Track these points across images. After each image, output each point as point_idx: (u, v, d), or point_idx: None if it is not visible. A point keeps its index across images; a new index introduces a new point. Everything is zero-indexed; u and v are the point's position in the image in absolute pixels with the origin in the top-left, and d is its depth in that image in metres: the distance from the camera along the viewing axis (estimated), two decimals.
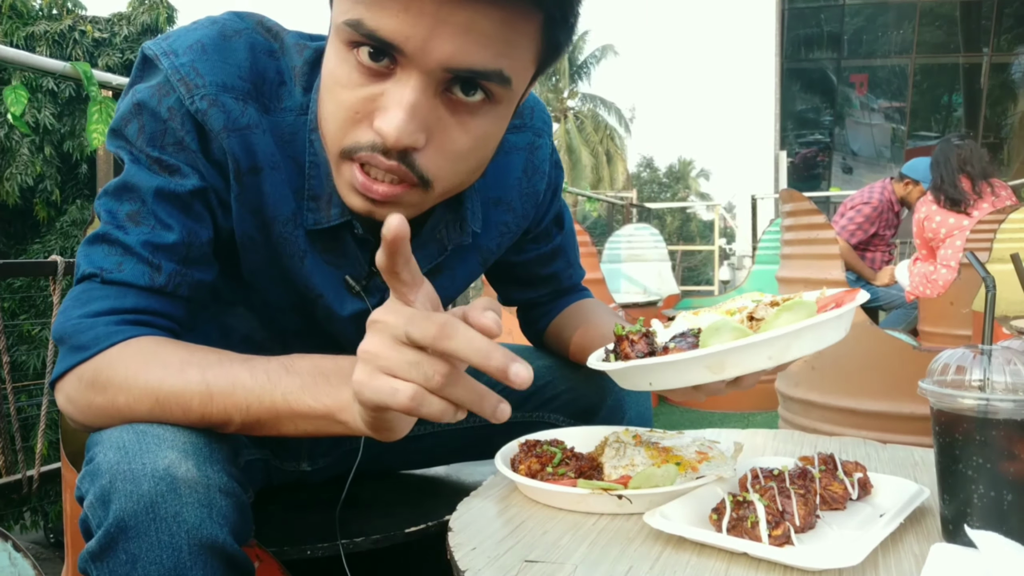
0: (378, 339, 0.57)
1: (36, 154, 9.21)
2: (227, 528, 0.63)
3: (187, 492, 0.62)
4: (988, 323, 0.64)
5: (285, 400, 0.66)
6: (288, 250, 0.80)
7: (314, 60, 0.79)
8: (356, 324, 0.85)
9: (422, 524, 0.93)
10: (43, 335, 7.89)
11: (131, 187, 0.74)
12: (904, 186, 3.90)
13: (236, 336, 0.89)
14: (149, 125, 0.73)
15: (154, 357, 0.69)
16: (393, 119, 0.66)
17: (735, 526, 0.62)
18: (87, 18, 10.33)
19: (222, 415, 0.67)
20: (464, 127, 0.70)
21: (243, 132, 0.75)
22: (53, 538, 2.49)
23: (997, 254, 2.47)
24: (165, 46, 0.74)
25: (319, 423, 0.66)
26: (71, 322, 0.71)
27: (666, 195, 34.21)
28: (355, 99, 0.68)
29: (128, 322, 0.72)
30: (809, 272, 2.31)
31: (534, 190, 0.96)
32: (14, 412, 1.90)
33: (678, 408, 4.03)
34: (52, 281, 1.83)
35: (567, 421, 1.01)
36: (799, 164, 14.38)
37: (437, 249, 0.86)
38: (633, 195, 8.71)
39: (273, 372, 0.67)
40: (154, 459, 0.62)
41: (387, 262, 0.55)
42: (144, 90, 0.74)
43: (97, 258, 0.73)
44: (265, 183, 0.77)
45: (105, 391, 0.69)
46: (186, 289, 0.75)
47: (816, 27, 14.22)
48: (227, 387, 0.67)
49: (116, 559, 0.61)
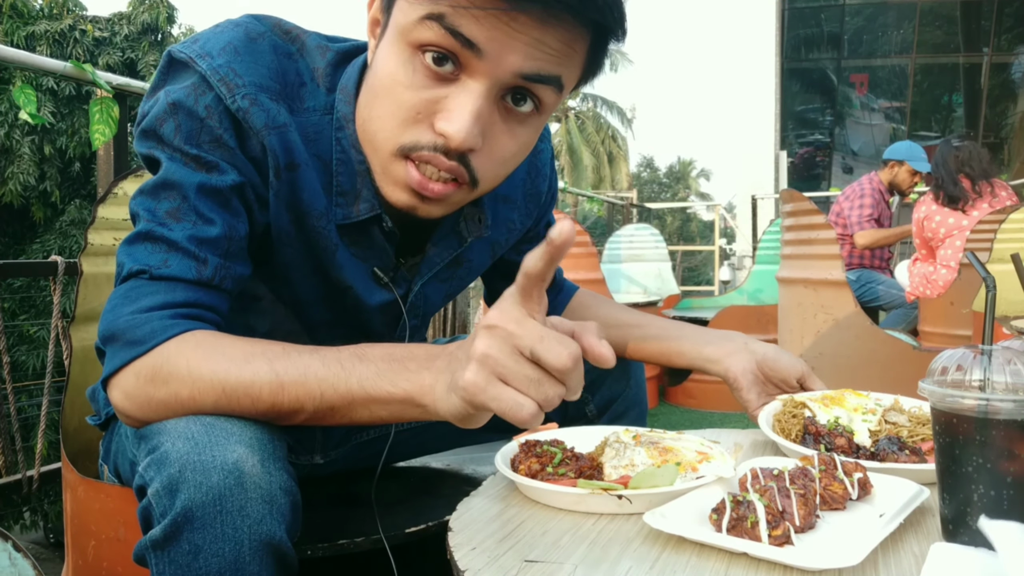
0: (498, 345, 0.60)
1: (36, 153, 9.20)
2: (284, 526, 0.65)
3: (252, 488, 0.63)
4: (988, 323, 0.64)
5: (361, 386, 0.68)
6: (321, 243, 0.82)
7: (337, 62, 0.82)
8: (383, 313, 0.90)
9: (422, 524, 0.93)
10: (41, 335, 7.89)
11: (170, 184, 0.75)
12: (890, 170, 3.92)
13: (259, 331, 0.90)
14: (186, 124, 0.74)
15: (216, 349, 0.70)
16: (460, 122, 0.69)
17: (735, 526, 0.62)
18: (87, 17, 10.32)
19: (293, 404, 0.69)
20: (512, 134, 0.74)
21: (280, 130, 0.77)
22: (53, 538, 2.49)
23: (997, 254, 2.47)
24: (198, 49, 0.76)
25: (395, 407, 0.69)
26: (123, 319, 0.71)
27: (666, 195, 34.21)
28: (417, 100, 0.71)
29: (181, 316, 0.73)
30: (809, 272, 2.31)
31: (536, 190, 1.01)
32: (14, 412, 1.90)
33: (678, 408, 4.04)
34: (52, 281, 1.83)
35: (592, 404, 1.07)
36: (799, 164, 14.39)
37: (458, 241, 0.91)
38: (633, 195, 8.71)
39: (346, 360, 0.69)
40: (224, 452, 0.63)
41: (544, 267, 0.59)
42: (178, 91, 0.75)
43: (141, 256, 0.74)
44: (301, 179, 0.79)
45: (167, 384, 0.69)
46: (230, 283, 0.77)
47: (816, 27, 14.22)
48: (298, 376, 0.69)
49: (179, 548, 0.62)
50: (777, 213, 7.07)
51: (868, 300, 3.89)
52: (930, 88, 14.22)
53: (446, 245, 0.90)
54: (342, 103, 0.80)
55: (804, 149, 14.66)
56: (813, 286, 2.27)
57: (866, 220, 3.84)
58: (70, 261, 1.82)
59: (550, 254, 0.58)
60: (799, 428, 0.87)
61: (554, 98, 0.74)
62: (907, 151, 3.90)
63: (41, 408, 1.92)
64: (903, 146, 3.93)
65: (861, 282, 3.90)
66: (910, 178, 3.90)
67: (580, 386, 0.60)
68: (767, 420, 0.91)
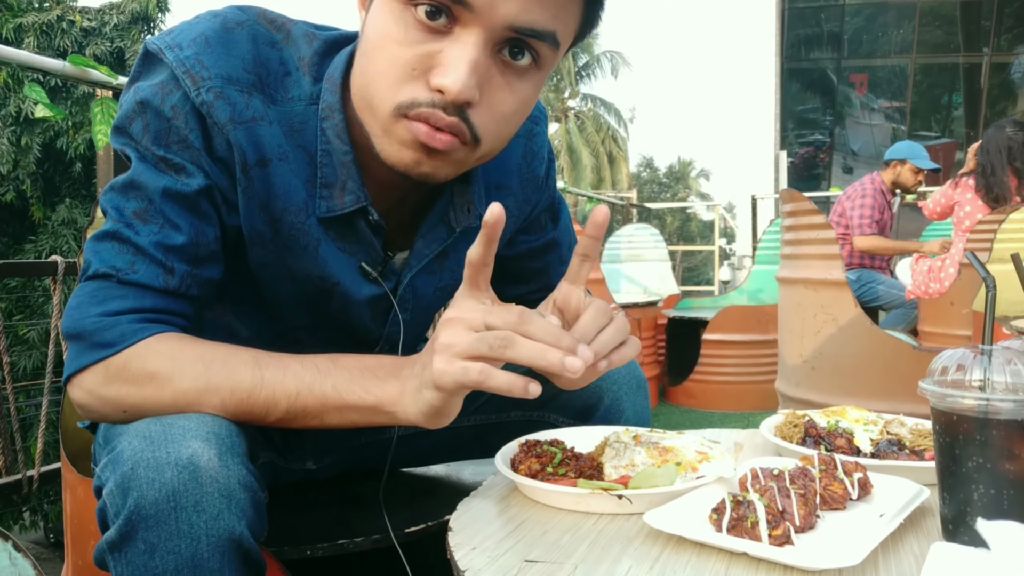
0: (453, 331, 0.64)
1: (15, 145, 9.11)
2: (244, 521, 0.64)
3: (209, 482, 0.62)
4: (988, 323, 0.64)
5: (336, 391, 0.70)
6: (302, 240, 0.81)
7: (324, 51, 0.81)
8: (371, 308, 0.89)
9: (422, 524, 0.93)
10: (33, 336, 7.88)
11: (137, 185, 0.75)
12: (892, 170, 3.91)
13: (242, 336, 0.89)
14: (153, 124, 0.74)
15: (189, 349, 0.71)
16: (455, 73, 0.68)
17: (735, 526, 0.62)
18: (76, 8, 10.23)
19: (268, 400, 0.70)
20: (511, 88, 0.73)
21: (249, 125, 0.75)
22: (53, 538, 2.49)
23: (997, 254, 2.47)
24: (169, 40, 0.75)
25: (366, 414, 0.71)
26: (90, 319, 0.71)
27: (666, 195, 34.19)
28: (412, 55, 0.70)
29: (149, 320, 0.73)
30: (809, 272, 2.31)
31: (534, 175, 0.98)
32: (14, 412, 1.90)
33: (678, 408, 4.04)
34: (52, 281, 1.83)
35: (566, 421, 1.01)
36: (799, 164, 14.38)
37: (446, 231, 0.88)
38: (633, 195, 8.70)
39: (322, 365, 0.72)
40: (178, 448, 0.63)
41: (483, 250, 0.64)
42: (147, 88, 0.74)
43: (108, 256, 0.74)
44: (274, 175, 0.78)
45: (138, 382, 0.70)
46: (196, 289, 0.77)
47: (816, 27, 14.21)
48: (278, 374, 0.71)
49: (135, 548, 0.61)
50: (777, 213, 7.07)
51: (868, 300, 3.89)
52: (930, 88, 14.21)
53: (434, 236, 0.88)
54: (328, 92, 0.79)
55: (804, 149, 14.65)
56: (813, 286, 2.27)
57: (867, 223, 3.83)
58: (70, 261, 1.82)
59: (487, 236, 0.64)
60: (800, 436, 0.87)
61: (551, 53, 0.73)
62: (908, 150, 3.90)
63: (40, 408, 1.92)
64: (904, 145, 3.93)
65: (861, 282, 3.89)
66: (914, 176, 3.89)
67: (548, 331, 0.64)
68: (769, 430, 0.92)
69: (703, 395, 4.03)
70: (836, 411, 0.92)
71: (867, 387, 2.09)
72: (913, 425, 0.90)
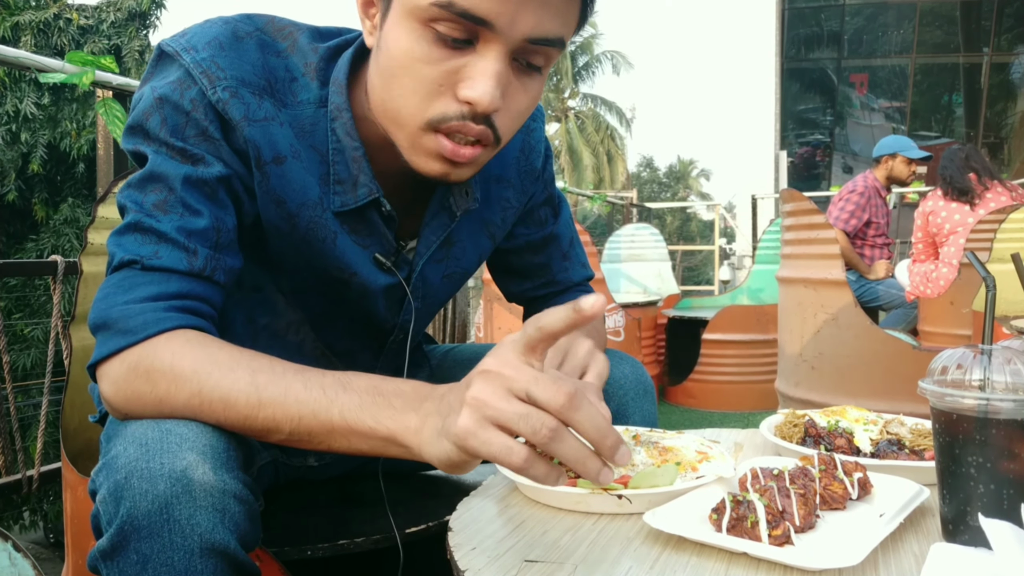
0: (490, 389, 0.58)
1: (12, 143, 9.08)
2: (237, 535, 0.63)
3: (202, 496, 0.62)
4: (988, 323, 0.64)
5: (343, 417, 0.66)
6: (320, 234, 0.83)
7: (329, 56, 0.83)
8: (386, 297, 0.91)
9: (422, 524, 0.93)
10: (34, 335, 7.88)
11: (157, 177, 0.75)
12: (884, 166, 3.91)
13: (260, 323, 0.91)
14: (171, 117, 0.75)
15: (202, 350, 0.70)
16: (483, 86, 0.71)
17: (735, 526, 0.62)
18: (73, 6, 10.22)
19: (269, 422, 0.67)
20: (525, 89, 0.76)
21: (262, 123, 0.78)
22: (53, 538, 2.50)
23: (997, 254, 2.47)
24: (184, 42, 0.77)
25: (376, 443, 0.66)
26: (117, 308, 0.71)
27: (666, 195, 34.19)
28: (438, 73, 0.72)
29: (175, 308, 0.72)
30: (809, 272, 2.31)
31: (531, 167, 1.02)
32: (14, 412, 1.90)
33: (678, 408, 4.04)
34: (52, 281, 1.83)
35: None
36: (799, 164, 14.39)
37: (448, 217, 0.91)
38: (633, 195, 8.69)
39: (329, 388, 0.67)
40: (172, 459, 0.62)
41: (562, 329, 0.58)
42: (164, 85, 0.76)
43: (131, 246, 0.74)
44: (289, 171, 0.80)
45: (149, 378, 0.69)
46: (221, 275, 0.77)
47: (816, 27, 14.22)
48: (278, 396, 0.67)
49: (127, 559, 0.61)
50: (777, 213, 7.07)
51: (868, 300, 3.89)
52: (930, 88, 14.22)
53: (439, 223, 0.91)
54: (335, 94, 0.82)
55: (804, 149, 14.66)
56: (813, 286, 2.27)
57: (844, 217, 3.83)
58: (70, 261, 1.82)
59: (573, 321, 0.58)
60: (800, 436, 0.88)
61: (557, 54, 0.77)
62: (896, 143, 3.90)
63: (40, 408, 1.92)
64: (890, 140, 3.93)
65: (861, 282, 3.89)
66: (907, 168, 3.89)
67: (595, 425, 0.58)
68: (769, 430, 0.92)
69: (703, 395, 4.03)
70: (836, 411, 0.92)
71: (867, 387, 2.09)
72: (913, 425, 0.90)
